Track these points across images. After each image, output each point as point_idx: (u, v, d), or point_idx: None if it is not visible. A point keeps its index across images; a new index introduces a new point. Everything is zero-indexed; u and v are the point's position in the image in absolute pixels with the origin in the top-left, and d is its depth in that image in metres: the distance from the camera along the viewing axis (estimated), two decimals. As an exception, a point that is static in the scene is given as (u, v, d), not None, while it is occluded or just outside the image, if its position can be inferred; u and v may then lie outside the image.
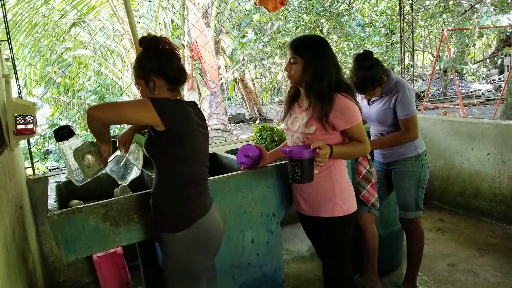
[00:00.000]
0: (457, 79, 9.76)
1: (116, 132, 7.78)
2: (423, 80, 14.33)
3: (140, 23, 7.81)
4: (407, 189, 2.41)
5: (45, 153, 8.34)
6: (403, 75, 4.68)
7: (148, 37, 1.65)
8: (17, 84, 2.97)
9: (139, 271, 2.74)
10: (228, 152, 2.75)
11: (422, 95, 8.87)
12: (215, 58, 7.69)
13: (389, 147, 2.41)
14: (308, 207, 1.95)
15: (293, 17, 7.96)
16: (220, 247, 1.79)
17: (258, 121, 12.76)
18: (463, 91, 14.12)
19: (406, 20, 4.76)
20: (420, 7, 8.31)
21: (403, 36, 4.65)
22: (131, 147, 1.88)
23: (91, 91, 8.52)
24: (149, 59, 1.61)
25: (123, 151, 1.83)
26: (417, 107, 2.48)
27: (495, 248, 3.15)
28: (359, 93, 2.42)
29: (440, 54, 9.02)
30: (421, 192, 2.43)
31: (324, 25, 7.92)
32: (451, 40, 9.88)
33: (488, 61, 16.34)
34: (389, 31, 9.00)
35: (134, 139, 1.89)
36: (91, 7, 7.10)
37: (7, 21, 2.97)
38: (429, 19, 9.38)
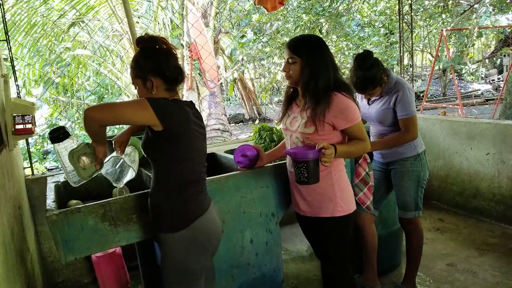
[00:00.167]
0: (456, 79, 9.77)
1: (115, 132, 7.79)
2: (422, 80, 14.36)
3: (139, 23, 7.81)
4: (407, 189, 2.41)
5: (44, 153, 8.33)
6: (402, 75, 4.68)
7: (145, 36, 1.64)
8: (16, 84, 2.97)
9: (138, 271, 2.74)
10: (227, 152, 2.74)
11: (421, 95, 8.87)
12: (214, 58, 7.69)
13: (389, 147, 2.41)
14: (307, 208, 1.94)
15: (292, 17, 7.96)
16: (218, 247, 1.79)
17: (257, 121, 12.75)
18: (462, 91, 14.14)
19: (405, 20, 4.76)
20: (419, 7, 8.31)
21: (402, 36, 4.65)
22: (127, 149, 1.86)
23: (90, 91, 8.51)
24: (147, 59, 1.61)
25: (119, 152, 1.82)
26: (416, 107, 2.48)
27: (494, 248, 3.15)
28: (359, 93, 2.42)
29: (439, 54, 9.03)
30: (421, 192, 2.43)
31: (323, 25, 7.92)
32: (450, 40, 9.89)
33: (487, 61, 16.35)
34: (388, 31, 9.01)
35: (130, 141, 1.87)
36: (90, 7, 7.10)
37: (6, 21, 2.97)
38: (428, 19, 9.38)
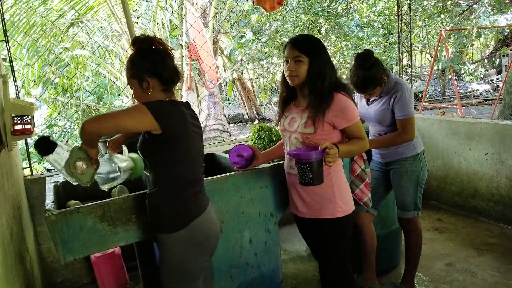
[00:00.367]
0: (455, 79, 9.78)
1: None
2: (421, 80, 14.37)
3: (138, 23, 7.81)
4: (406, 189, 2.42)
5: (43, 153, 8.31)
6: (401, 75, 4.69)
7: (141, 37, 1.64)
8: (15, 84, 2.97)
9: (137, 271, 2.74)
10: (226, 152, 2.74)
11: (420, 95, 8.88)
12: (213, 58, 7.69)
13: (385, 147, 2.41)
14: (306, 209, 1.93)
15: (291, 17, 7.96)
16: (217, 247, 1.79)
17: (256, 121, 12.76)
18: (461, 91, 14.15)
19: (404, 20, 4.77)
20: (418, 7, 8.32)
21: (401, 36, 4.65)
22: (124, 163, 1.87)
23: (89, 91, 8.50)
24: (143, 59, 1.60)
25: (110, 152, 1.84)
26: (415, 107, 2.48)
27: (493, 247, 3.16)
28: (359, 93, 2.42)
29: (438, 54, 9.04)
30: (420, 191, 2.43)
31: (322, 25, 7.92)
32: (449, 40, 9.89)
33: (486, 61, 16.38)
34: (387, 31, 9.01)
35: (136, 161, 1.91)
36: (89, 7, 7.10)
37: (5, 21, 2.97)
38: (427, 19, 9.39)
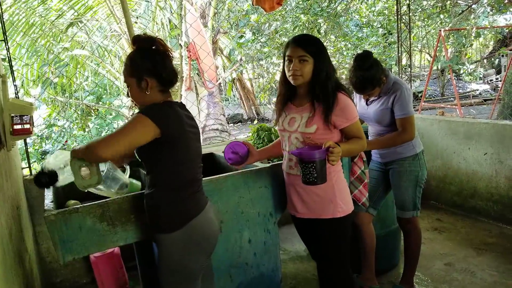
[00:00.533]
0: (455, 79, 9.78)
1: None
2: (421, 80, 14.37)
3: (137, 23, 7.81)
4: (405, 189, 2.42)
5: (42, 153, 8.31)
6: (401, 75, 4.69)
7: (142, 36, 1.64)
8: (14, 84, 2.97)
9: (136, 271, 2.74)
10: (225, 152, 2.74)
11: (419, 95, 8.88)
12: (213, 58, 7.68)
13: (386, 147, 2.41)
14: (306, 210, 1.93)
15: (290, 17, 7.96)
16: (215, 247, 1.79)
17: (256, 121, 12.77)
18: (461, 91, 14.16)
19: (403, 20, 4.77)
20: (417, 7, 8.32)
21: (401, 36, 4.66)
22: (123, 183, 1.90)
23: (88, 91, 8.49)
24: (143, 59, 1.60)
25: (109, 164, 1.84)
26: (414, 107, 2.48)
27: (492, 247, 3.16)
28: (358, 93, 2.42)
29: (437, 54, 9.05)
30: (419, 191, 2.44)
31: (321, 25, 7.91)
32: (449, 40, 9.89)
33: (485, 61, 16.39)
34: (386, 32, 9.02)
35: (132, 188, 1.95)
36: (88, 7, 7.08)
37: (4, 21, 2.96)
38: (426, 20, 9.39)
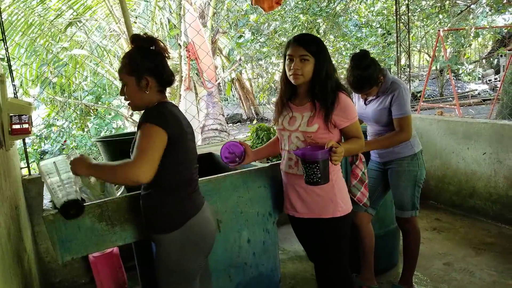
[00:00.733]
0: (453, 79, 9.80)
1: (112, 132, 7.75)
2: (420, 80, 14.37)
3: (136, 23, 7.80)
4: (404, 189, 2.42)
5: (41, 153, 8.30)
6: (400, 75, 4.69)
7: (142, 36, 1.64)
8: (12, 84, 2.96)
9: (135, 271, 2.73)
10: (224, 152, 2.74)
11: (418, 95, 8.89)
12: (212, 58, 7.67)
13: (384, 147, 2.41)
14: (306, 209, 1.92)
15: (289, 17, 7.95)
16: (214, 246, 1.79)
17: (255, 121, 12.75)
18: (459, 91, 14.17)
19: (402, 20, 4.77)
20: (416, 7, 8.32)
21: (400, 36, 4.66)
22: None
23: (87, 91, 8.47)
24: (144, 58, 1.60)
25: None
26: (413, 107, 2.49)
27: (491, 247, 3.17)
28: (355, 93, 2.42)
29: (436, 54, 9.06)
30: (417, 191, 2.44)
31: (320, 25, 7.91)
32: (447, 40, 9.90)
33: (484, 61, 16.42)
34: (385, 32, 9.01)
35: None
36: (87, 7, 7.07)
37: (3, 20, 2.96)
38: (425, 20, 9.39)
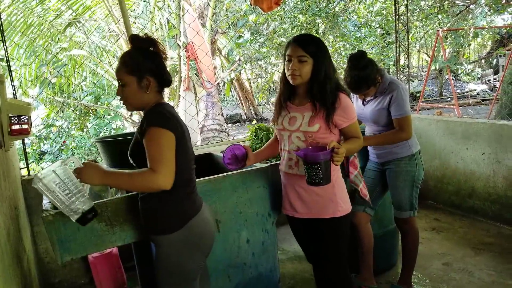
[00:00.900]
0: (452, 79, 9.81)
1: (112, 132, 7.75)
2: (419, 80, 14.39)
3: (135, 23, 7.80)
4: (402, 189, 2.42)
5: (41, 153, 8.30)
6: (399, 76, 4.70)
7: (141, 36, 1.64)
8: (12, 84, 2.96)
9: (135, 271, 2.73)
10: (224, 152, 2.74)
11: (417, 95, 8.90)
12: (211, 58, 7.68)
13: (382, 144, 2.41)
14: (306, 210, 1.92)
15: (289, 18, 7.95)
16: (214, 247, 1.79)
17: (254, 121, 12.75)
18: (458, 91, 14.19)
19: (401, 20, 4.78)
20: (415, 7, 8.33)
21: (399, 36, 4.67)
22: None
23: (86, 91, 8.46)
24: (146, 59, 1.60)
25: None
26: (412, 107, 2.50)
27: (490, 247, 3.17)
28: (353, 93, 2.43)
29: (435, 54, 9.06)
30: (416, 191, 2.44)
31: (320, 25, 7.92)
32: (446, 40, 9.91)
33: (483, 61, 16.43)
34: (384, 32, 9.02)
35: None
36: (87, 7, 7.07)
37: (2, 21, 2.96)
38: (424, 20, 9.40)
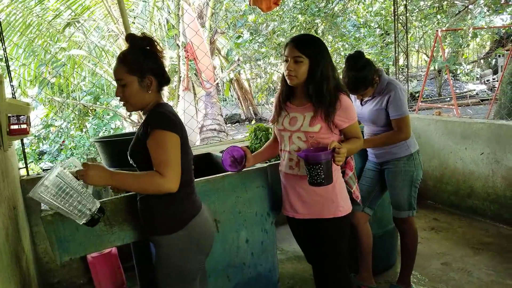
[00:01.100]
0: (451, 79, 9.82)
1: (111, 132, 7.75)
2: (418, 80, 14.41)
3: (135, 23, 7.80)
4: (400, 189, 2.43)
5: (40, 153, 8.30)
6: (398, 76, 4.70)
7: (138, 35, 1.63)
8: (11, 84, 2.96)
9: (134, 271, 2.73)
10: (223, 152, 2.74)
11: (416, 95, 8.91)
12: (210, 58, 7.67)
13: (381, 146, 2.41)
14: (307, 210, 1.92)
15: (288, 18, 7.95)
16: (213, 247, 1.80)
17: (253, 121, 12.76)
18: (457, 91, 14.22)
19: (400, 20, 4.78)
20: (414, 7, 8.34)
21: (398, 36, 4.67)
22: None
23: (85, 91, 8.46)
24: (146, 58, 1.60)
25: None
26: (411, 108, 2.50)
27: (489, 247, 3.17)
28: (351, 93, 2.43)
29: (434, 54, 9.08)
30: (414, 191, 2.44)
31: (319, 25, 7.92)
32: (445, 40, 9.92)
33: (482, 61, 16.45)
34: (383, 32, 9.03)
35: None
36: (86, 7, 7.06)
37: (1, 21, 2.96)
38: (423, 20, 9.41)
